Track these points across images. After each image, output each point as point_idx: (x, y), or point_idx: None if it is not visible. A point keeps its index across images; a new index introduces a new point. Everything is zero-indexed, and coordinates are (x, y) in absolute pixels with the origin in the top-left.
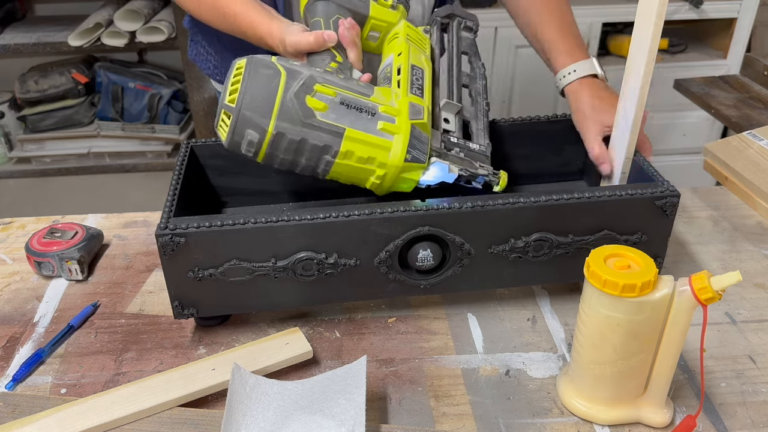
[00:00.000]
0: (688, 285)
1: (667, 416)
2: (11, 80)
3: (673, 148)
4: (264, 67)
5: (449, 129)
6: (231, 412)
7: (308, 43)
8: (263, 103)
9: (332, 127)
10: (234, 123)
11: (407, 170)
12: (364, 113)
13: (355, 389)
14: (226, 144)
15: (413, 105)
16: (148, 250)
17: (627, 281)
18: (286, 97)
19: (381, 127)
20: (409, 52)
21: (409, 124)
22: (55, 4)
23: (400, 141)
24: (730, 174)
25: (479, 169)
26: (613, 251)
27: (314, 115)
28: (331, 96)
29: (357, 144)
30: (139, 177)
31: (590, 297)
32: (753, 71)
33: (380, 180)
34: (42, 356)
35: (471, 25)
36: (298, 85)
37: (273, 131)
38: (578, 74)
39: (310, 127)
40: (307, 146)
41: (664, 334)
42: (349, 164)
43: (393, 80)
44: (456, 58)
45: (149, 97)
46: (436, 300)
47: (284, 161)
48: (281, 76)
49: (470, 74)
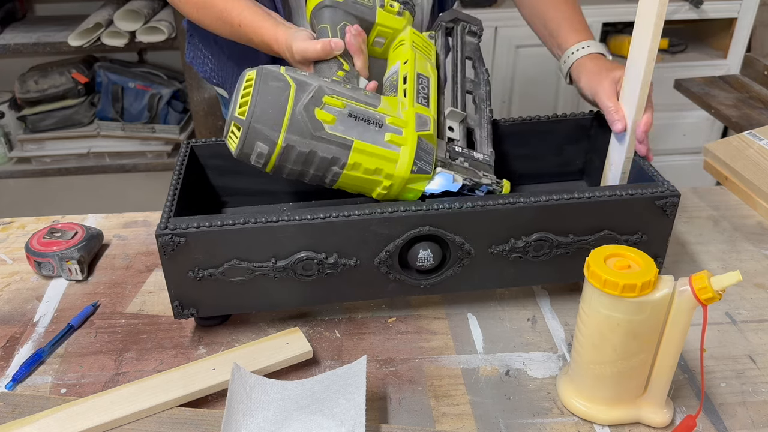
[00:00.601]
0: (689, 285)
1: (667, 416)
2: (11, 80)
3: (673, 148)
4: (274, 79)
5: (454, 137)
6: (231, 412)
7: (315, 51)
8: (273, 116)
9: (341, 139)
10: (244, 135)
11: (413, 181)
12: (372, 125)
13: (355, 389)
14: (236, 155)
15: (420, 116)
16: (148, 250)
17: (627, 281)
18: (296, 110)
19: (388, 139)
20: (415, 60)
21: (415, 135)
22: (55, 4)
23: (407, 153)
24: (730, 174)
25: (483, 178)
26: (613, 251)
27: (323, 127)
28: (340, 108)
29: (365, 156)
30: (139, 177)
31: (590, 297)
32: (753, 71)
33: (386, 191)
34: (42, 356)
35: (475, 30)
36: (308, 97)
37: (282, 144)
38: (587, 51)
39: (318, 139)
40: (315, 158)
41: (664, 334)
42: (357, 175)
43: (399, 89)
44: (460, 63)
45: (149, 97)
46: (436, 300)
47: (293, 172)
48: (291, 88)
49: (474, 80)
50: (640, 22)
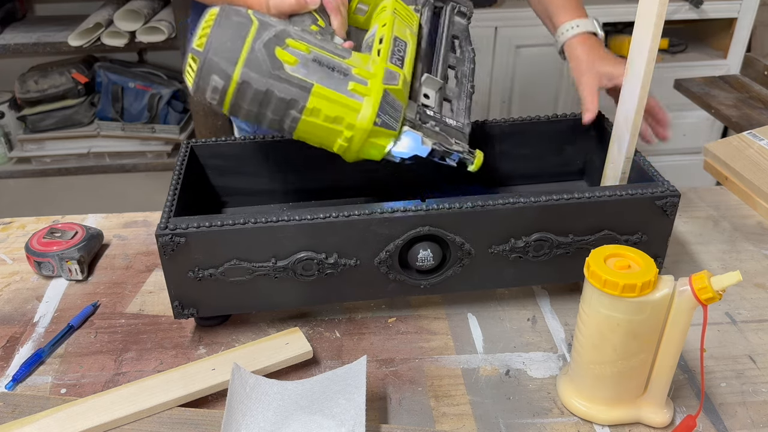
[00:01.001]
0: (689, 285)
1: (667, 416)
2: (11, 80)
3: (673, 148)
4: (236, 14)
5: (428, 104)
6: (231, 412)
7: (290, 4)
8: (230, 50)
9: (300, 81)
10: (200, 67)
11: (376, 135)
12: (336, 72)
13: (355, 389)
14: (192, 90)
15: (390, 71)
16: (148, 250)
17: (627, 281)
18: (255, 45)
19: (351, 88)
20: (394, 24)
21: (381, 87)
22: (55, 4)
23: (370, 104)
24: (730, 174)
25: (454, 145)
26: (613, 251)
27: (282, 67)
28: (304, 52)
29: (325, 101)
30: (139, 177)
31: (590, 297)
32: (753, 71)
33: (347, 143)
34: (42, 356)
35: (465, 11)
36: (269, 36)
37: (238, 80)
38: (580, 29)
39: (277, 78)
40: (273, 98)
41: (664, 334)
42: (316, 122)
43: (374, 48)
44: (446, 39)
45: (149, 97)
46: (436, 300)
47: (249, 113)
48: (252, 25)
49: (458, 57)
50: (640, 22)
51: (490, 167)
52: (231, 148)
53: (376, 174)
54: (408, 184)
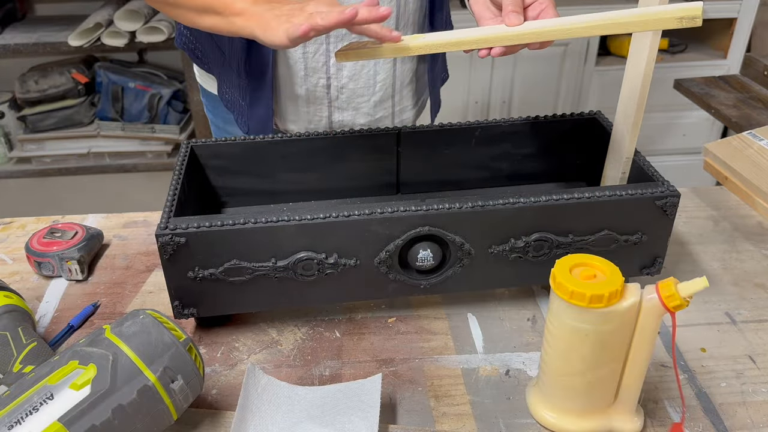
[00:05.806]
0: (656, 293)
1: (637, 424)
2: (11, 80)
3: (673, 148)
4: None
5: None
6: (243, 408)
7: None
8: None
9: None
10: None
11: None
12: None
13: (369, 408)
14: None
15: None
16: (148, 250)
17: (594, 291)
18: None
19: None
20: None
21: None
22: (55, 4)
23: None
24: (730, 174)
25: None
26: (578, 261)
27: None
28: None
29: None
30: (139, 177)
31: (557, 309)
32: (753, 71)
33: None
34: None
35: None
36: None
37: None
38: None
39: None
40: None
41: (632, 343)
42: None
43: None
44: None
45: (149, 97)
46: (436, 300)
47: None
48: None
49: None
50: None
51: (490, 167)
52: (231, 148)
53: (377, 174)
54: (408, 183)
